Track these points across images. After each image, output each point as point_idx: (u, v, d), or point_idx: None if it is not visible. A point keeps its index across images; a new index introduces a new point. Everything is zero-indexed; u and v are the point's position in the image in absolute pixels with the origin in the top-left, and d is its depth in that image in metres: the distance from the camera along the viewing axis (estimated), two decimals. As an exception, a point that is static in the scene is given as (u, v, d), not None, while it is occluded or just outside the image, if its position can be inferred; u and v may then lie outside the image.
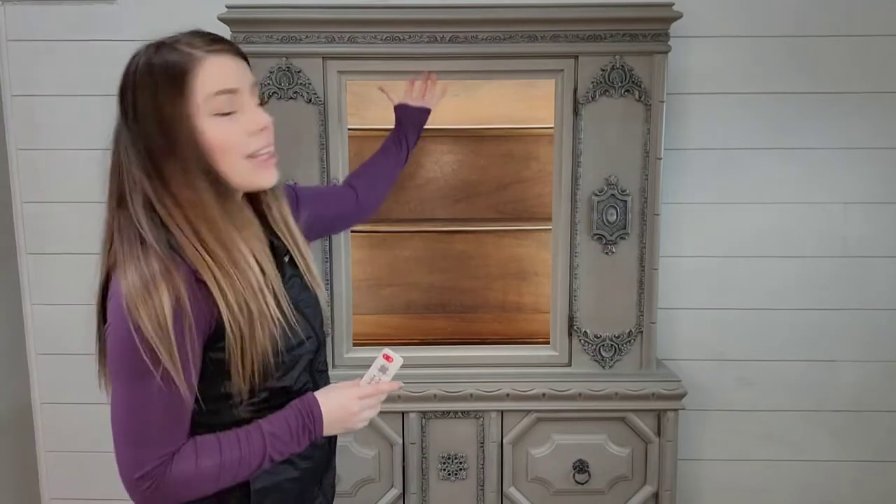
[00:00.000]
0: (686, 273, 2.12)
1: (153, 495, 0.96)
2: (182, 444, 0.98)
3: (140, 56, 0.99)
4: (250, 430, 1.02)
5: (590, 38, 1.75)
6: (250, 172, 1.01)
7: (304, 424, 1.04)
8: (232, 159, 0.99)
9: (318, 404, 1.05)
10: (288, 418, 1.03)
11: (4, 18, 2.05)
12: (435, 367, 1.87)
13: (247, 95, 1.00)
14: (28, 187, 2.12)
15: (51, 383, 2.20)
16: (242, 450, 1.00)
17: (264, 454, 1.01)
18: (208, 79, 0.96)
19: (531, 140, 2.26)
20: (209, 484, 0.99)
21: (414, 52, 1.76)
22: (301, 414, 1.04)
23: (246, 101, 1.00)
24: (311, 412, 1.04)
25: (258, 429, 1.02)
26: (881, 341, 2.13)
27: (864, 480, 2.19)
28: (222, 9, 1.76)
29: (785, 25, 2.02)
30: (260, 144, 1.00)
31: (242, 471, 1.00)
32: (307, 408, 1.05)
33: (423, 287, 2.34)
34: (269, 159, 1.03)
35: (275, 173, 1.04)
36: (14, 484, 2.15)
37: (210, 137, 0.97)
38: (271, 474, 1.07)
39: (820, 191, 2.09)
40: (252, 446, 1.00)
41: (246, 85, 1.00)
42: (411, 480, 1.85)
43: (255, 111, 1.01)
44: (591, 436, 1.86)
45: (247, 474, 1.02)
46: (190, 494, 0.99)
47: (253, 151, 1.00)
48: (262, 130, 1.00)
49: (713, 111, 2.06)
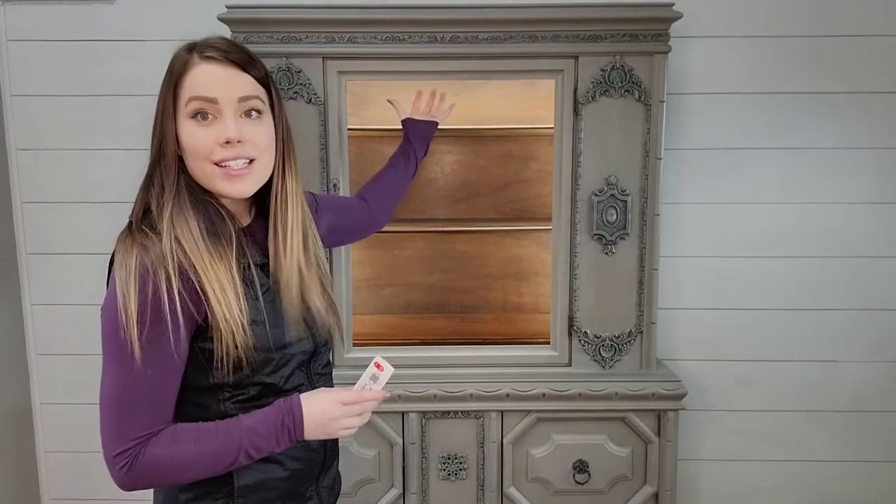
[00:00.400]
0: (686, 273, 2.13)
1: (127, 475, 0.99)
2: (162, 427, 1.01)
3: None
4: (229, 423, 1.03)
5: (590, 38, 1.75)
6: (213, 178, 1.05)
7: (283, 423, 1.04)
8: (198, 162, 1.04)
9: (301, 405, 1.06)
10: (268, 415, 1.04)
11: (4, 18, 2.05)
12: (435, 367, 1.87)
13: (229, 106, 1.03)
14: (28, 187, 2.12)
15: (51, 383, 2.20)
16: (219, 441, 1.01)
17: (240, 448, 1.02)
18: (191, 83, 1.03)
19: (531, 140, 2.26)
20: (182, 471, 1.01)
21: (414, 52, 1.76)
22: (282, 412, 1.05)
23: (226, 112, 1.03)
24: (292, 411, 1.05)
25: (237, 422, 1.03)
26: (881, 341, 2.13)
27: (864, 480, 2.19)
28: (222, 9, 1.75)
29: (785, 25, 2.02)
30: (225, 156, 1.03)
31: (218, 463, 1.02)
32: (289, 407, 1.05)
33: (423, 287, 2.34)
34: (235, 173, 1.04)
35: (240, 187, 1.06)
36: (14, 484, 2.15)
37: (183, 137, 1.04)
38: (257, 472, 1.09)
39: (820, 191, 2.09)
40: (229, 439, 1.02)
41: (230, 96, 1.03)
42: (411, 481, 1.85)
43: (228, 124, 1.02)
44: (591, 436, 1.86)
45: (222, 467, 1.03)
46: (163, 479, 1.02)
47: (218, 160, 1.03)
48: (226, 143, 1.02)
49: (713, 111, 2.06)
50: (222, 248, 1.04)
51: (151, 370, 0.98)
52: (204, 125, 1.03)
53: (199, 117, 1.03)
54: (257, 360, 1.04)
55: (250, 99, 1.05)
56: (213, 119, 1.03)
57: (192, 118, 1.03)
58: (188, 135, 1.03)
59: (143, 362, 0.96)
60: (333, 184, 1.81)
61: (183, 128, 1.03)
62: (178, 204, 1.03)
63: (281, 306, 1.09)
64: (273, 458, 1.09)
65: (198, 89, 1.02)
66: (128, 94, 2.03)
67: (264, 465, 1.09)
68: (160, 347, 0.97)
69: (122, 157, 2.09)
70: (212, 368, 1.03)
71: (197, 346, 1.02)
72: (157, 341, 0.97)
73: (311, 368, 1.15)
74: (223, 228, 1.05)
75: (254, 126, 1.05)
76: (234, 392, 1.06)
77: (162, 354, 0.98)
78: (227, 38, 1.09)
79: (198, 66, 1.03)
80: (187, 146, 1.03)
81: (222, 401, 1.06)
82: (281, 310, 1.09)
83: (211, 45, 1.05)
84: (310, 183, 1.80)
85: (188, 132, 1.03)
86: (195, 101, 1.02)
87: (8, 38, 2.06)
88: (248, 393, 1.07)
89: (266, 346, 1.06)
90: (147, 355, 0.96)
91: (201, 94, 1.02)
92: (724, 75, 2.04)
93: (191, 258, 1.00)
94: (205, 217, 1.04)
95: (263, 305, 1.06)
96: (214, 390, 1.06)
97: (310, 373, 1.15)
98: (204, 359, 1.03)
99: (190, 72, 1.03)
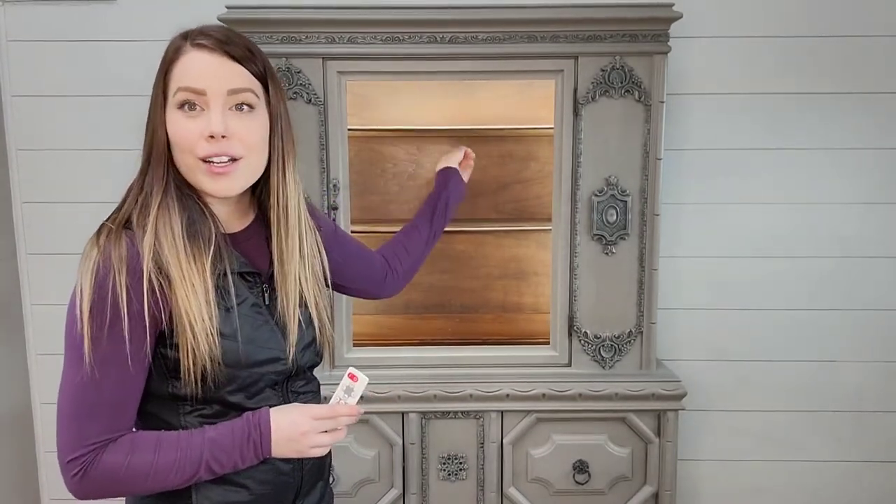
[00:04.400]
0: (686, 273, 2.13)
1: (80, 483, 0.93)
2: (121, 434, 0.95)
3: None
4: (193, 433, 0.98)
5: (590, 39, 1.75)
6: (197, 173, 0.99)
7: (248, 435, 0.98)
8: (184, 156, 0.99)
9: (269, 419, 0.99)
10: (234, 428, 0.98)
11: (4, 18, 2.05)
12: (435, 368, 1.87)
13: (217, 98, 0.97)
14: (28, 187, 2.12)
15: (51, 383, 2.19)
16: (180, 452, 0.95)
17: (201, 460, 0.96)
18: (181, 72, 0.98)
19: (531, 140, 2.26)
20: (138, 482, 0.95)
21: (414, 53, 1.76)
22: (248, 425, 0.98)
23: (213, 104, 0.97)
24: (259, 424, 0.99)
25: (200, 433, 0.98)
26: (881, 342, 2.13)
27: (864, 480, 2.19)
28: (222, 9, 1.76)
29: (785, 26, 2.02)
30: (209, 151, 0.97)
31: (177, 475, 0.95)
32: (256, 420, 0.99)
33: (423, 287, 2.34)
34: (217, 170, 0.98)
35: (223, 185, 1.00)
36: (14, 484, 2.15)
37: (170, 128, 0.98)
38: (219, 495, 1.01)
39: (820, 191, 2.09)
40: (190, 450, 0.96)
41: (219, 88, 0.97)
42: (411, 481, 1.85)
43: (213, 118, 0.96)
44: (591, 436, 1.86)
45: (182, 480, 0.96)
46: (118, 489, 0.95)
47: (202, 156, 0.97)
48: (210, 137, 0.97)
49: (713, 111, 2.06)
50: (198, 249, 0.97)
51: (109, 372, 0.92)
52: (191, 116, 0.97)
53: (186, 108, 0.97)
54: (222, 375, 0.97)
55: (241, 92, 0.98)
56: (201, 111, 0.97)
57: (179, 109, 0.97)
58: (174, 126, 0.97)
59: (97, 364, 0.91)
60: (333, 184, 1.81)
61: (170, 118, 0.98)
62: (164, 199, 0.98)
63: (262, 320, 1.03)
64: (237, 479, 1.01)
65: (186, 79, 0.96)
66: (127, 94, 2.03)
67: (226, 486, 1.01)
68: (117, 349, 0.92)
69: (121, 157, 2.08)
70: (172, 378, 0.98)
71: (159, 352, 0.96)
72: (113, 343, 0.92)
73: (287, 388, 1.07)
74: (203, 230, 0.99)
75: (243, 120, 0.99)
76: (195, 406, 1.00)
77: (120, 357, 0.92)
78: (227, 27, 1.04)
79: (188, 54, 0.97)
80: (173, 138, 0.98)
81: (183, 414, 1.00)
82: (261, 324, 1.02)
83: (205, 32, 0.99)
84: (310, 183, 1.80)
85: (175, 123, 0.97)
86: (182, 92, 0.96)
87: (8, 39, 2.06)
88: (210, 409, 1.00)
89: (235, 362, 0.98)
90: (102, 357, 0.91)
91: (189, 84, 0.96)
92: (724, 75, 2.04)
93: (167, 256, 0.94)
94: (188, 215, 0.99)
95: (237, 318, 0.99)
96: (175, 402, 0.99)
97: (286, 392, 1.07)
98: (165, 367, 0.97)
99: (180, 59, 0.97)
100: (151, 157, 1.00)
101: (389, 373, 1.84)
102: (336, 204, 1.82)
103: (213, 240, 1.00)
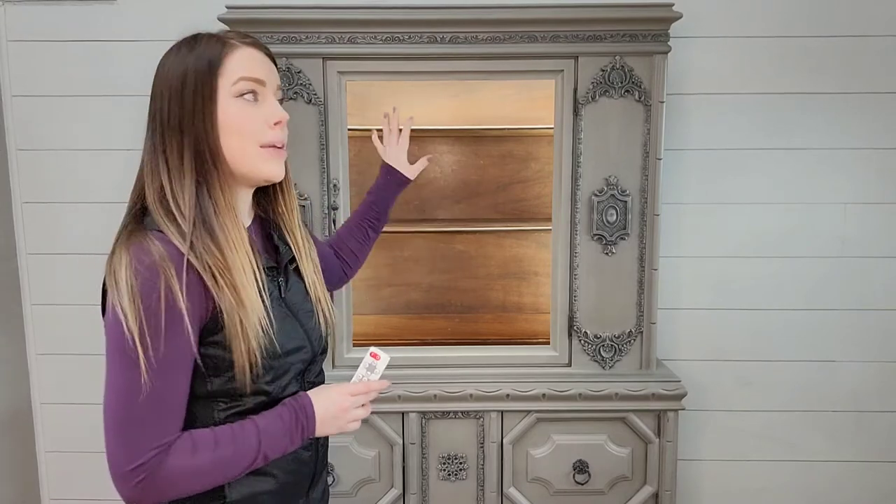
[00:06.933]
0: (686, 273, 2.13)
1: (145, 489, 0.92)
2: (176, 436, 0.96)
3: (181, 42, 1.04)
4: (244, 425, 0.99)
5: (590, 39, 1.75)
6: (259, 160, 1.03)
7: (297, 420, 1.02)
8: (245, 144, 1.01)
9: (311, 401, 1.05)
10: (281, 415, 1.01)
11: (4, 18, 2.05)
12: (435, 368, 1.88)
13: (271, 90, 1.05)
14: (28, 187, 2.12)
15: (51, 383, 2.20)
16: (237, 445, 0.97)
17: (258, 450, 0.99)
18: (239, 64, 1.01)
19: (531, 140, 2.26)
20: (203, 479, 0.96)
21: (414, 53, 1.76)
22: (294, 410, 1.02)
23: (270, 96, 1.04)
24: (304, 408, 1.03)
25: (252, 423, 0.99)
26: (880, 342, 2.14)
27: (864, 480, 2.19)
28: (222, 9, 1.76)
29: (785, 26, 2.02)
30: (276, 137, 1.04)
31: (236, 467, 0.98)
32: (300, 404, 1.03)
33: (423, 287, 2.34)
34: (281, 150, 1.05)
35: (282, 168, 1.06)
36: (14, 484, 2.15)
37: (230, 116, 1.00)
38: (249, 485, 1.04)
39: (819, 191, 2.09)
40: (247, 442, 0.98)
41: (272, 81, 1.05)
42: (411, 481, 1.85)
43: (276, 105, 1.05)
44: (590, 436, 1.86)
45: (240, 472, 0.99)
46: (182, 489, 0.96)
47: (267, 142, 1.03)
48: (277, 124, 1.04)
49: (713, 111, 2.06)
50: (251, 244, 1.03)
51: (167, 375, 0.93)
52: (252, 105, 1.02)
53: (247, 97, 1.01)
54: (262, 367, 1.00)
55: (281, 89, 1.09)
56: (258, 102, 1.03)
57: (238, 97, 1.01)
58: (238, 114, 1.00)
59: (155, 368, 0.91)
60: (333, 184, 1.82)
61: (228, 109, 1.00)
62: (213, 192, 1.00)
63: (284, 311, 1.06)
64: (265, 470, 1.05)
65: (247, 70, 1.01)
66: (127, 94, 2.04)
67: (256, 477, 1.04)
68: (175, 350, 0.93)
69: (121, 158, 2.09)
70: (212, 375, 0.99)
71: (200, 350, 0.97)
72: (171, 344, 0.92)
73: (304, 378, 1.11)
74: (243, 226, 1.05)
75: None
76: (230, 402, 1.01)
77: (178, 357, 0.93)
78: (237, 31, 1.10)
79: (242, 49, 1.02)
80: (234, 126, 1.00)
81: (217, 411, 1.01)
82: (285, 315, 1.06)
83: (238, 34, 1.06)
84: (310, 183, 1.80)
85: (238, 112, 1.00)
86: (245, 81, 1.01)
87: (8, 39, 2.06)
88: (245, 404, 1.02)
89: (273, 352, 1.01)
90: (161, 361, 0.91)
91: (252, 74, 1.02)
92: (724, 75, 2.04)
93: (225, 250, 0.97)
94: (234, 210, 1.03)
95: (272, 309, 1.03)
96: (209, 400, 1.01)
97: (304, 382, 1.11)
98: (204, 364, 0.98)
99: (234, 54, 1.01)
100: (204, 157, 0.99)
101: (389, 372, 1.82)
102: (336, 204, 1.83)
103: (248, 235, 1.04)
